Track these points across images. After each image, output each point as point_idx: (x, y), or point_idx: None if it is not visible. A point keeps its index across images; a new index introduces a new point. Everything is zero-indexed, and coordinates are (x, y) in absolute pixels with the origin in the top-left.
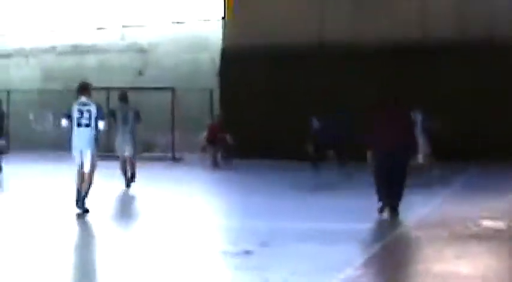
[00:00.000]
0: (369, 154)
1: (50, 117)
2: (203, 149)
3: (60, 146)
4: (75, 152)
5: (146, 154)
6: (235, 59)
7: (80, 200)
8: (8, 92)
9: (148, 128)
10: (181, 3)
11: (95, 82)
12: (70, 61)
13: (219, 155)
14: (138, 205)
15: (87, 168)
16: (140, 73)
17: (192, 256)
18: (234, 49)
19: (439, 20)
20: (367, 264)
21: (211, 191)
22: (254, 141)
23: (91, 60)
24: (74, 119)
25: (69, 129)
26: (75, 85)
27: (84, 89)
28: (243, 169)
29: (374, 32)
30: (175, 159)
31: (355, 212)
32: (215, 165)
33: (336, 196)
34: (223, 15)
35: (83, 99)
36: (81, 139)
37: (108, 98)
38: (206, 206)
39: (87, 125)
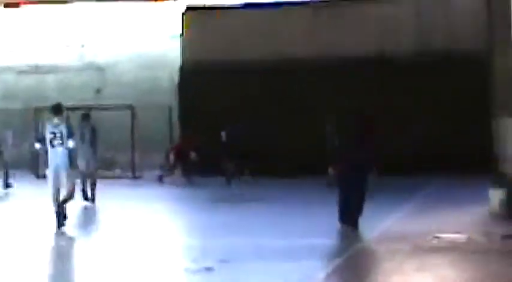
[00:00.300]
0: (330, 169)
1: (10, 137)
2: (171, 168)
3: (20, 165)
4: (50, 172)
5: (106, 172)
6: (193, 76)
7: (61, 217)
8: None
9: (109, 146)
10: (138, 21)
11: (53, 101)
12: (29, 80)
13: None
14: (100, 222)
15: (64, 185)
16: (98, 91)
17: (154, 273)
18: (192, 66)
19: (400, 34)
20: (328, 279)
21: (172, 209)
22: (213, 156)
23: (50, 79)
24: (47, 140)
25: (42, 151)
26: (35, 104)
27: (57, 110)
28: (202, 186)
29: (332, 46)
30: (135, 177)
31: (313, 227)
32: (185, 181)
33: (288, 210)
34: (181, 32)
35: (56, 120)
36: (56, 159)
37: (68, 117)
38: (167, 223)
39: (61, 145)
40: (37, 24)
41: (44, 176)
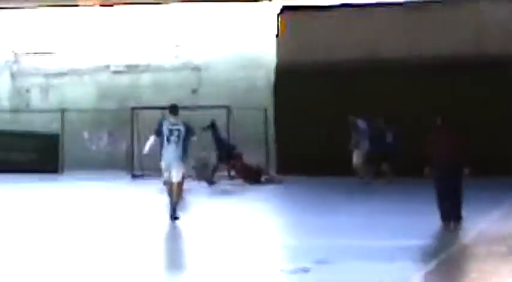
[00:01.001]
0: (426, 170)
1: (105, 136)
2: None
3: (113, 165)
4: (164, 165)
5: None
6: (289, 76)
7: (172, 210)
8: (62, 111)
9: (204, 146)
10: (235, 21)
11: (149, 101)
12: (125, 80)
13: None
14: (197, 221)
15: (175, 179)
16: (194, 91)
17: (251, 274)
18: (288, 66)
19: (493, 37)
20: (424, 280)
21: (272, 209)
22: (308, 158)
23: (146, 79)
24: (164, 136)
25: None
26: (130, 104)
27: (174, 110)
28: (298, 186)
29: (427, 47)
30: (231, 177)
31: (409, 228)
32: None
33: (388, 212)
34: (277, 33)
35: (172, 119)
36: (171, 154)
37: (163, 117)
38: (263, 222)
39: (176, 142)
40: (133, 24)
41: (140, 176)
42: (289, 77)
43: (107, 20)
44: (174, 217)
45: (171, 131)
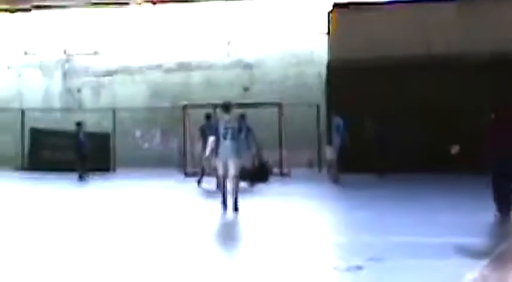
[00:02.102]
0: (454, 148)
1: (157, 135)
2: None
3: (166, 163)
4: (220, 161)
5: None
6: (340, 73)
7: (232, 202)
8: (114, 110)
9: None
10: (286, 18)
11: (201, 99)
12: (176, 78)
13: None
14: (251, 220)
15: (231, 174)
16: (246, 89)
17: (304, 272)
18: (340, 63)
19: None
20: (479, 277)
21: (322, 206)
22: (362, 154)
23: (197, 77)
24: (220, 134)
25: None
26: (182, 102)
27: (227, 108)
28: (351, 184)
29: (481, 43)
30: (282, 175)
31: (462, 225)
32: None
33: (437, 208)
34: (328, 29)
35: (226, 117)
36: (228, 150)
37: (214, 114)
38: (317, 221)
39: (231, 139)
40: (184, 22)
41: (193, 174)
42: (341, 74)
43: (158, 18)
44: (235, 208)
45: (226, 129)
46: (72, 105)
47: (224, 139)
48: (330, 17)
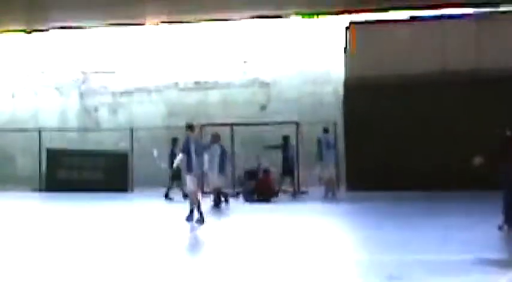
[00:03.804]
0: (477, 159)
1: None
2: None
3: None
4: (191, 178)
5: None
6: (357, 90)
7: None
8: (131, 129)
9: (271, 161)
10: (302, 36)
11: (218, 118)
12: (193, 97)
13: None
14: (268, 237)
15: (196, 188)
16: (263, 107)
17: None
18: (356, 80)
19: None
20: None
21: (339, 224)
22: (380, 172)
23: (214, 95)
24: (191, 152)
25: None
26: (199, 121)
27: (191, 127)
28: (368, 201)
29: (499, 60)
30: (300, 193)
31: (476, 242)
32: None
33: (453, 226)
34: (345, 47)
35: (193, 135)
36: (197, 167)
37: (231, 134)
38: (334, 239)
39: (198, 156)
40: (200, 41)
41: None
42: (358, 91)
43: (174, 38)
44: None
45: (195, 147)
46: (89, 125)
47: (196, 156)
48: (347, 35)
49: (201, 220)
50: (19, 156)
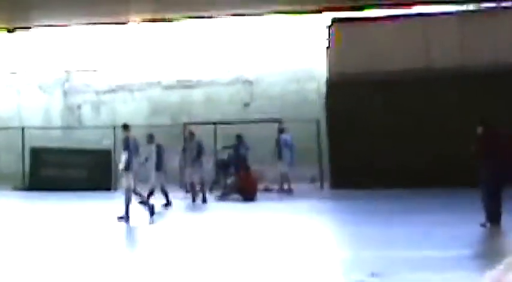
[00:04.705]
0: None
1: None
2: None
3: (167, 180)
4: (130, 175)
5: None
6: (340, 88)
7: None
8: (114, 128)
9: (257, 160)
10: (285, 34)
11: (201, 116)
12: (176, 95)
13: None
14: (250, 235)
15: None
16: (246, 105)
17: None
18: (339, 78)
19: None
20: None
21: (321, 222)
22: (363, 169)
23: (197, 93)
24: (131, 150)
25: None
26: (182, 119)
27: (126, 127)
28: (352, 199)
29: (481, 56)
30: (283, 191)
31: (456, 237)
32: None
33: (432, 222)
34: (327, 45)
35: (129, 135)
36: (135, 165)
37: (215, 132)
38: (317, 236)
39: (136, 154)
40: (183, 39)
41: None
42: (341, 89)
43: (157, 36)
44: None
45: (134, 145)
46: (73, 123)
47: (135, 155)
48: (329, 32)
49: (151, 213)
50: (2, 155)
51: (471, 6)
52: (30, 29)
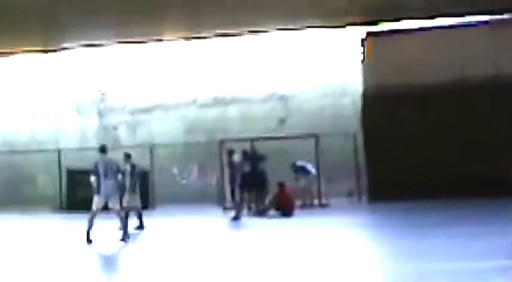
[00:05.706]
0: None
1: (195, 170)
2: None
3: (204, 198)
4: (100, 198)
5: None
6: (376, 101)
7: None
8: (151, 147)
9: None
10: (320, 48)
11: (237, 133)
12: (212, 113)
13: None
14: (293, 249)
15: (116, 207)
16: (282, 121)
17: None
18: (375, 91)
19: None
20: None
21: (360, 236)
22: (402, 182)
23: (233, 110)
24: (101, 174)
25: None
26: (218, 136)
27: (104, 149)
28: (389, 212)
29: None
30: (321, 206)
31: (498, 248)
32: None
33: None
34: (362, 58)
35: (106, 157)
36: (107, 188)
37: (253, 148)
38: (357, 250)
39: (111, 178)
40: (218, 56)
41: (232, 208)
42: (376, 102)
43: (191, 54)
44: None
45: (105, 169)
46: (109, 143)
47: (104, 178)
48: (364, 45)
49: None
50: (40, 176)
51: (504, 16)
52: (64, 50)
